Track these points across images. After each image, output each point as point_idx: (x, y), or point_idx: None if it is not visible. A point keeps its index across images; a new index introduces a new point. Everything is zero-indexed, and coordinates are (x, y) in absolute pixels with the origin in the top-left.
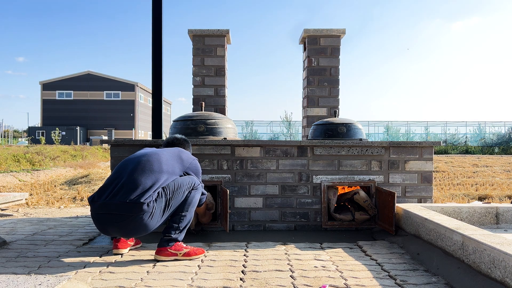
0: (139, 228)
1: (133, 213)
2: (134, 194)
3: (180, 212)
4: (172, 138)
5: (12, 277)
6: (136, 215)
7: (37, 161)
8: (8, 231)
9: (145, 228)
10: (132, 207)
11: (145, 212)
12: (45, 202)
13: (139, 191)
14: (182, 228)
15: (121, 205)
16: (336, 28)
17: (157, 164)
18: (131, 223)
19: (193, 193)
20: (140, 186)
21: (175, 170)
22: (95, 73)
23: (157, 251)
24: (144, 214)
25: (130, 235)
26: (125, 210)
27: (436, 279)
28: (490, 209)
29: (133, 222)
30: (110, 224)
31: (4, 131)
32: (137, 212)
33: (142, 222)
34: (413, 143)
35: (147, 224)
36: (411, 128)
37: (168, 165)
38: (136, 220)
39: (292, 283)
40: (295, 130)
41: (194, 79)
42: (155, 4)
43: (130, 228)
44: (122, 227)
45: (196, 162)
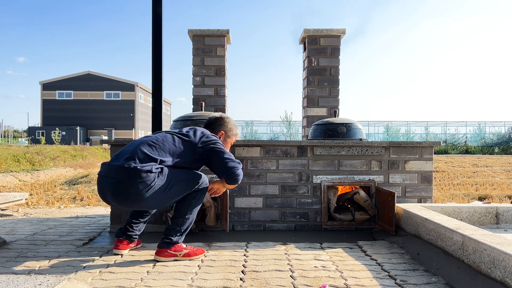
0: (133, 197)
1: (130, 178)
2: (133, 160)
3: (183, 215)
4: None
5: (12, 277)
6: (132, 181)
7: (37, 161)
8: (8, 231)
9: (139, 199)
10: (129, 171)
11: (142, 180)
12: (45, 202)
13: (139, 159)
14: (183, 230)
15: (119, 169)
16: (336, 28)
17: (165, 143)
18: (126, 189)
19: (198, 196)
20: (141, 155)
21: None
22: (95, 73)
23: (157, 251)
24: (140, 183)
25: (123, 204)
26: (122, 175)
27: (436, 279)
28: (490, 209)
29: (128, 189)
30: (107, 188)
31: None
32: (133, 178)
33: (137, 192)
34: (413, 143)
35: (142, 195)
36: (411, 128)
37: (175, 146)
38: (132, 187)
39: (292, 283)
40: (295, 130)
41: (194, 79)
42: (155, 4)
43: (124, 195)
44: (117, 193)
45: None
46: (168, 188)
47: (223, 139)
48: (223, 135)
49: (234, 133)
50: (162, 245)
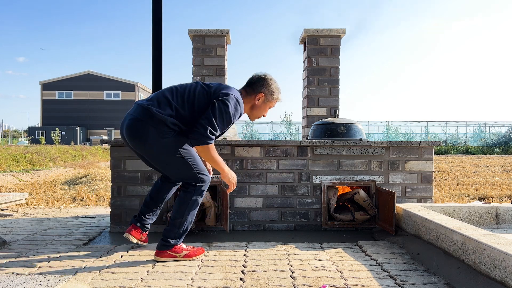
0: (141, 137)
1: (144, 118)
2: (152, 104)
3: (181, 216)
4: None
5: (12, 277)
6: (146, 122)
7: (37, 161)
8: (8, 231)
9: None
10: (145, 111)
11: (155, 126)
12: (45, 202)
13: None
14: (182, 232)
15: (138, 107)
16: (336, 28)
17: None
18: (138, 128)
19: (197, 196)
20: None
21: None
22: (95, 73)
23: (156, 252)
24: (152, 127)
25: (132, 142)
26: (139, 113)
27: (436, 279)
28: (490, 209)
29: (140, 128)
30: (125, 123)
31: (4, 131)
32: (147, 119)
33: (146, 134)
34: (413, 143)
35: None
36: (411, 128)
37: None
38: (144, 127)
39: (292, 283)
40: (295, 130)
41: (194, 79)
42: (155, 4)
43: (135, 132)
44: (130, 128)
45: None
46: (172, 155)
47: (261, 101)
48: (262, 97)
49: (275, 97)
50: (161, 247)
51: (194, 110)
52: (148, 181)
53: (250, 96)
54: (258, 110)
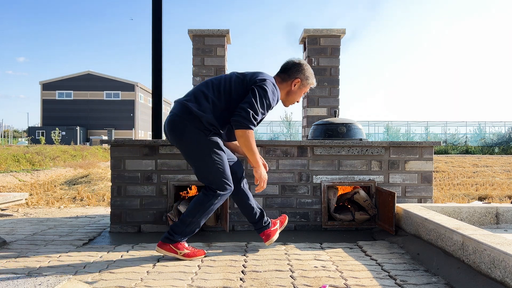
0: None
1: (182, 115)
2: (190, 100)
3: (193, 216)
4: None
5: (12, 277)
6: (184, 118)
7: (37, 161)
8: (8, 231)
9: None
10: (183, 108)
11: (191, 119)
12: (45, 202)
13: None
14: (187, 232)
15: (178, 104)
16: (336, 28)
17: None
18: (177, 123)
19: (216, 202)
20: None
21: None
22: (95, 73)
23: (159, 243)
24: (188, 123)
25: (170, 135)
26: (178, 109)
27: (436, 279)
28: (490, 209)
29: (178, 123)
30: (166, 122)
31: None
32: (185, 116)
33: (183, 130)
34: (413, 143)
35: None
36: (411, 128)
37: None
38: (181, 123)
39: (292, 283)
40: (295, 130)
41: (194, 79)
42: (155, 3)
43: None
44: (170, 124)
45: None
46: (204, 155)
47: (297, 86)
48: (299, 82)
49: (310, 82)
50: (164, 239)
51: (231, 101)
52: (148, 181)
53: (285, 82)
54: (293, 96)
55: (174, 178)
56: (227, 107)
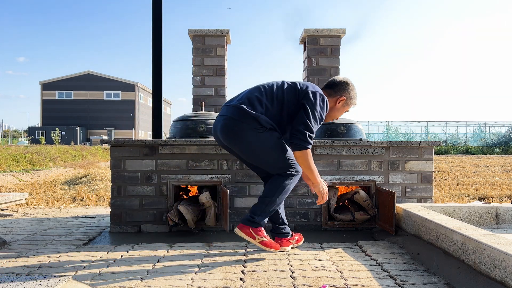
0: (237, 136)
1: (239, 118)
2: (244, 103)
3: (272, 195)
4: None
5: (12, 277)
6: (241, 121)
7: (37, 161)
8: (8, 231)
9: (242, 140)
10: (239, 111)
11: (249, 124)
12: (45, 202)
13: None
14: (267, 211)
15: (231, 108)
16: (336, 28)
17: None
18: (233, 127)
19: (291, 181)
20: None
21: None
22: (95, 73)
23: (240, 226)
24: (247, 125)
25: (228, 140)
26: (233, 113)
27: (436, 279)
28: (490, 209)
29: (235, 126)
30: (219, 124)
31: (4, 131)
32: (242, 118)
33: (242, 132)
34: (413, 143)
35: (245, 137)
36: (411, 128)
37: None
38: (239, 126)
39: (292, 283)
40: None
41: (194, 79)
42: (155, 4)
43: (230, 131)
44: (225, 128)
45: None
46: (267, 148)
47: (341, 104)
48: (343, 100)
49: (353, 102)
50: (246, 222)
51: (283, 107)
52: (148, 181)
53: (330, 97)
54: (335, 112)
55: (174, 178)
56: (279, 113)
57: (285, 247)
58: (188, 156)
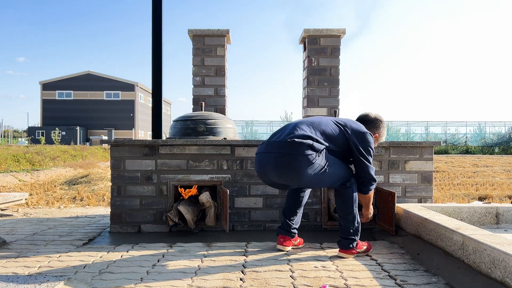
0: (294, 170)
1: (293, 152)
2: (295, 135)
3: (350, 211)
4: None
5: (12, 277)
6: (296, 155)
7: (37, 161)
8: (8, 231)
9: (300, 173)
10: (293, 145)
11: (305, 155)
12: (45, 202)
13: (301, 134)
14: (357, 226)
15: (283, 144)
16: (336, 28)
17: (321, 124)
18: (289, 162)
19: (355, 189)
20: (300, 132)
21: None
22: (95, 73)
23: (344, 252)
24: (303, 157)
25: (284, 177)
26: (286, 148)
27: (436, 279)
28: (490, 209)
29: (292, 161)
30: (268, 162)
31: (4, 131)
32: (297, 152)
33: (300, 165)
34: (413, 143)
35: (303, 169)
36: (411, 128)
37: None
38: (296, 160)
39: (292, 283)
40: None
41: (194, 79)
42: (155, 4)
43: (286, 168)
44: (280, 166)
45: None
46: (324, 170)
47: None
48: (376, 137)
49: (382, 139)
50: (347, 246)
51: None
52: (148, 181)
53: None
54: None
55: (174, 178)
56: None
57: (287, 247)
58: (188, 156)
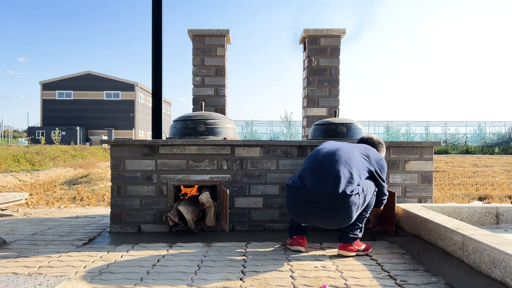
0: (344, 219)
1: (343, 204)
2: (342, 186)
3: (363, 213)
4: (367, 137)
5: (12, 277)
6: (344, 207)
7: (37, 161)
8: (8, 231)
9: (349, 220)
10: (343, 198)
11: (353, 204)
12: (45, 202)
13: (346, 182)
14: (362, 227)
15: (331, 196)
16: (336, 28)
17: (354, 161)
18: (337, 214)
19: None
20: (345, 178)
21: (365, 168)
22: (95, 73)
23: (342, 246)
24: (352, 206)
25: (333, 225)
26: (335, 201)
27: (436, 279)
28: (490, 209)
29: (340, 213)
30: (314, 212)
31: (4, 131)
32: (346, 204)
33: (348, 214)
34: (413, 143)
35: (351, 216)
36: (411, 128)
37: (360, 162)
38: (344, 211)
39: (292, 283)
40: (295, 130)
41: (194, 79)
42: (155, 4)
43: (333, 218)
44: (326, 217)
45: (383, 161)
46: (364, 201)
47: None
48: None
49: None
50: (348, 241)
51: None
52: (148, 181)
53: None
54: None
55: (174, 178)
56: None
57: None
58: (188, 156)
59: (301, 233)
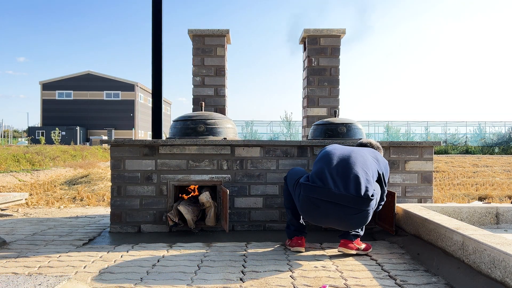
0: (361, 221)
1: (364, 207)
2: (363, 189)
3: None
4: (367, 141)
5: (12, 277)
6: (363, 209)
7: (37, 161)
8: (8, 231)
9: (365, 222)
10: (365, 201)
11: (371, 207)
12: (45, 202)
13: (366, 185)
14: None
15: (354, 198)
16: (336, 28)
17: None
18: (355, 215)
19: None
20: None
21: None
22: (95, 73)
23: (342, 244)
24: (370, 209)
25: (347, 227)
26: (357, 204)
27: (436, 279)
28: (490, 209)
29: (358, 215)
30: (333, 213)
31: (4, 131)
32: (365, 207)
33: (367, 217)
34: (413, 143)
35: (368, 219)
36: (411, 128)
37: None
38: (362, 214)
39: (292, 283)
40: (295, 130)
41: (194, 79)
42: (155, 4)
43: (351, 220)
44: (347, 219)
45: (388, 166)
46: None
47: None
48: None
49: None
50: (350, 238)
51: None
52: (148, 181)
53: None
54: None
55: (174, 178)
56: None
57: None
58: (188, 156)
59: (300, 233)
